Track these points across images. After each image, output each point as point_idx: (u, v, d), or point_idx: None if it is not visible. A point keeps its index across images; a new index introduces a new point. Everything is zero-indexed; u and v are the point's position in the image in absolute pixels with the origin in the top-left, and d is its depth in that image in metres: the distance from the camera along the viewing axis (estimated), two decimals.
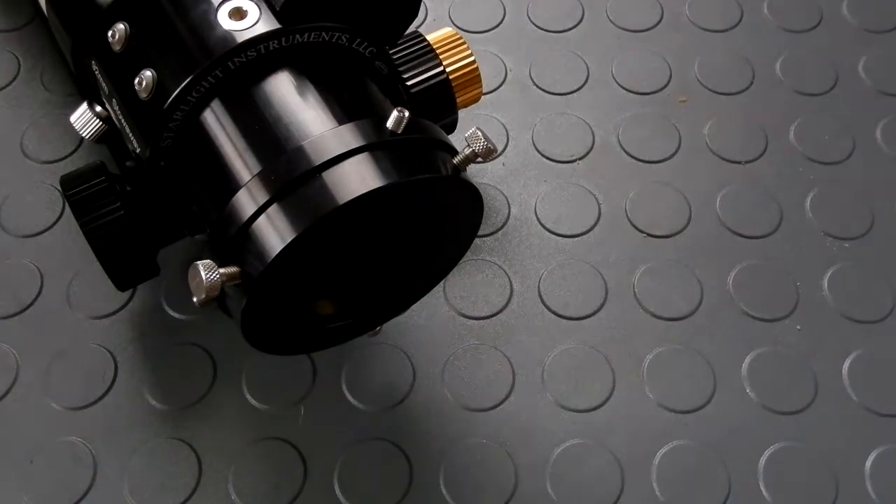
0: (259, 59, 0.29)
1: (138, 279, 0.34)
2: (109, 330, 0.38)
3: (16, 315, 0.38)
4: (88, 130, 0.34)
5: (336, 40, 0.31)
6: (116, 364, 0.37)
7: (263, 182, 0.27)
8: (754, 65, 0.48)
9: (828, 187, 0.44)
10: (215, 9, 0.30)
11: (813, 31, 0.50)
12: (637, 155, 0.44)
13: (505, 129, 0.45)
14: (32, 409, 0.36)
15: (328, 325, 0.33)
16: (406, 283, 0.33)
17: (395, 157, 0.27)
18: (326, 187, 0.26)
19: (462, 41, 0.36)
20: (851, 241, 0.42)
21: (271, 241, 0.26)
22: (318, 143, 0.27)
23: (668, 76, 0.47)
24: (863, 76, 0.48)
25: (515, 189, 0.43)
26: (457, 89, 0.36)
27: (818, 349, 0.39)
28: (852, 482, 0.36)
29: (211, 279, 0.26)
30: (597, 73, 0.47)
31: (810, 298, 0.40)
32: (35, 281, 0.39)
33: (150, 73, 0.30)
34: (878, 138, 0.45)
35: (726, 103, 0.46)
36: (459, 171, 0.28)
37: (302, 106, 0.29)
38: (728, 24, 0.50)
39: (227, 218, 0.27)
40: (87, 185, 0.32)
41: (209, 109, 0.30)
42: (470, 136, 0.28)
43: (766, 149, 0.45)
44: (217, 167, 0.29)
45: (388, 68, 0.33)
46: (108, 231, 0.32)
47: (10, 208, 0.41)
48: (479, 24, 0.49)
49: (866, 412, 0.37)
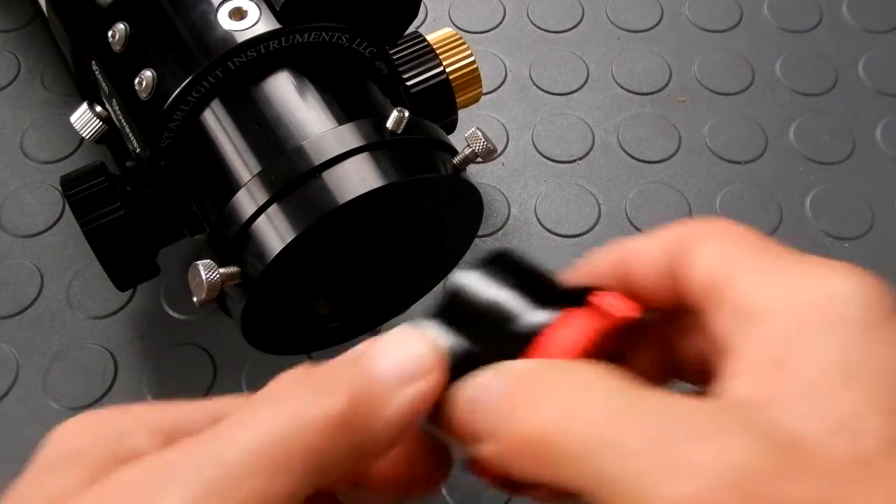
0: (259, 59, 0.29)
1: (138, 279, 0.34)
2: (109, 330, 0.38)
3: (16, 315, 0.38)
4: (88, 130, 0.34)
5: (336, 40, 0.31)
6: (116, 364, 0.37)
7: (263, 182, 0.27)
8: (754, 65, 0.48)
9: (828, 187, 0.44)
10: (215, 9, 0.30)
11: (813, 31, 0.50)
12: (637, 155, 0.44)
13: (505, 129, 0.45)
14: (32, 409, 0.36)
15: (328, 324, 0.33)
16: (406, 283, 0.33)
17: (395, 156, 0.27)
18: (326, 187, 0.26)
19: (462, 41, 0.36)
20: (851, 241, 0.42)
21: (271, 241, 0.26)
22: (318, 142, 0.27)
23: (667, 76, 0.47)
24: (863, 76, 0.48)
25: (515, 189, 0.43)
26: (457, 89, 0.36)
27: None
28: None
29: (211, 279, 0.26)
30: (597, 73, 0.47)
31: None
32: (35, 281, 0.39)
33: (150, 73, 0.30)
34: (878, 138, 0.45)
35: (726, 103, 0.46)
36: (459, 171, 0.28)
37: (302, 106, 0.29)
38: (728, 24, 0.50)
39: (226, 218, 0.27)
40: (87, 185, 0.32)
41: (209, 109, 0.30)
42: (470, 136, 0.28)
43: (766, 149, 0.45)
44: (217, 167, 0.29)
45: (388, 68, 0.33)
46: (108, 231, 0.32)
47: (10, 208, 0.41)
48: (479, 24, 0.49)
49: None
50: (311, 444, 0.18)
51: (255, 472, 0.18)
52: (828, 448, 0.18)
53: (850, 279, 0.20)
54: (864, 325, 0.19)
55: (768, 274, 0.21)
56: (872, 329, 0.19)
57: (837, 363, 0.19)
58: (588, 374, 0.20)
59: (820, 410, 0.18)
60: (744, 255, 0.21)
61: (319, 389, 0.19)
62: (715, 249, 0.22)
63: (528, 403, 0.19)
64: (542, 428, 0.19)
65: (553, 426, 0.19)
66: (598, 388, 0.19)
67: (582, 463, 0.18)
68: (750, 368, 0.19)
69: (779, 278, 0.20)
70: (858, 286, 0.20)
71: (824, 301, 0.20)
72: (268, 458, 0.18)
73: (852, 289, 0.20)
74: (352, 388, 0.19)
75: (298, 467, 0.18)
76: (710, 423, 0.18)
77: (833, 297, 0.20)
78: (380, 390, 0.20)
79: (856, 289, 0.20)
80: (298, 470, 0.18)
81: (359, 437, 0.19)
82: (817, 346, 0.19)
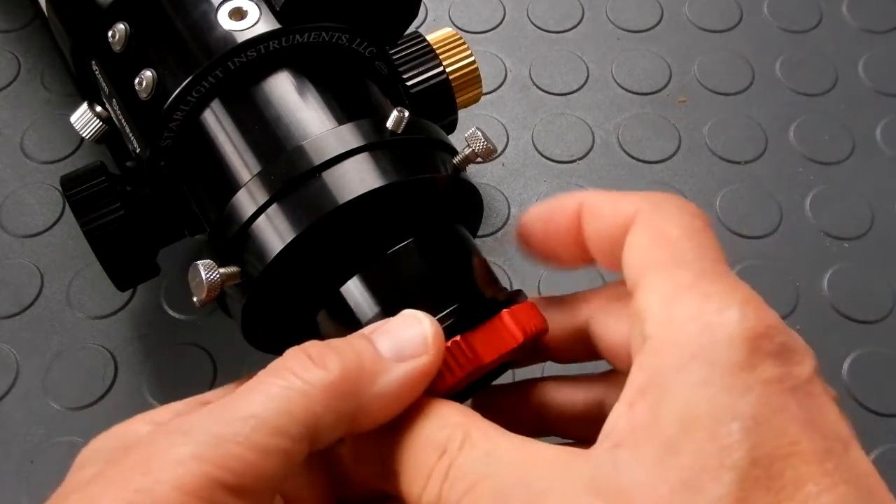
0: (259, 59, 0.29)
1: (138, 279, 0.34)
2: (109, 330, 0.38)
3: (16, 315, 0.38)
4: (88, 130, 0.34)
5: (336, 40, 0.31)
6: (116, 364, 0.37)
7: (263, 182, 0.27)
8: (754, 65, 0.48)
9: (828, 187, 0.44)
10: (215, 9, 0.30)
11: (813, 31, 0.50)
12: (637, 155, 0.44)
13: (505, 129, 0.45)
14: (32, 409, 0.36)
15: None
16: None
17: (395, 156, 0.27)
18: (326, 187, 0.26)
19: (462, 41, 0.36)
20: (851, 241, 0.42)
21: (271, 241, 0.26)
22: (318, 142, 0.27)
23: (667, 76, 0.47)
24: (863, 76, 0.48)
25: (515, 189, 0.43)
26: (457, 89, 0.36)
27: (818, 349, 0.39)
28: None
29: (211, 279, 0.26)
30: (597, 73, 0.47)
31: (810, 298, 0.40)
32: (35, 281, 0.39)
33: (150, 73, 0.30)
34: (878, 138, 0.45)
35: (726, 103, 0.46)
36: (459, 171, 0.28)
37: (302, 106, 0.29)
38: (728, 24, 0.50)
39: (227, 218, 0.27)
40: (87, 185, 0.32)
41: (209, 109, 0.30)
42: (470, 136, 0.28)
43: (766, 149, 0.45)
44: (217, 167, 0.29)
45: (388, 68, 0.33)
46: (108, 231, 0.32)
47: (10, 208, 0.41)
48: (479, 24, 0.49)
49: (866, 412, 0.37)
50: (306, 409, 0.20)
51: (255, 430, 0.20)
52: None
53: (739, 317, 0.20)
54: (732, 368, 0.19)
55: (671, 296, 0.21)
56: (738, 374, 0.19)
57: (690, 410, 0.19)
58: (457, 420, 0.22)
59: (662, 467, 0.19)
60: (665, 262, 0.22)
61: (316, 362, 0.21)
62: (646, 240, 0.22)
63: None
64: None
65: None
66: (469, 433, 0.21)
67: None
68: (626, 394, 0.20)
69: (678, 304, 0.21)
70: (743, 326, 0.20)
71: (702, 338, 0.20)
72: (266, 420, 0.20)
73: (734, 329, 0.20)
74: (345, 361, 0.21)
75: (293, 429, 0.20)
76: (560, 479, 0.19)
77: (712, 337, 0.20)
78: (373, 365, 0.22)
79: (738, 329, 0.20)
80: (294, 431, 0.20)
81: (350, 405, 0.21)
82: (680, 388, 0.19)
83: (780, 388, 0.19)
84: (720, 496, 0.18)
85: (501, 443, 0.21)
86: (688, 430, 0.19)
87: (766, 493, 0.18)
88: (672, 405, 0.19)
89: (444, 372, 0.23)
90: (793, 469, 0.18)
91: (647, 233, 0.22)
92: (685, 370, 0.19)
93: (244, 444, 0.19)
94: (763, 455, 0.18)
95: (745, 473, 0.18)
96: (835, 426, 0.19)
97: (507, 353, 0.25)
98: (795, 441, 0.18)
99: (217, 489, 0.19)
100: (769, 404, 0.19)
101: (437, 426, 0.22)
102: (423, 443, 0.22)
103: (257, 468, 0.19)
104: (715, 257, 0.22)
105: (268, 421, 0.20)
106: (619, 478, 0.19)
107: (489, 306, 0.25)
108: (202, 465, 0.19)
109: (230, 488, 0.19)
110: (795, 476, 0.18)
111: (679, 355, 0.20)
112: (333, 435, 0.21)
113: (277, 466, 0.20)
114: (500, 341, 0.25)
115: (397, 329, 0.23)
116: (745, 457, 0.18)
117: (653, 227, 0.22)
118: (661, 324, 0.20)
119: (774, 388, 0.19)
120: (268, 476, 0.20)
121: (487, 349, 0.24)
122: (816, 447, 0.19)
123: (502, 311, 0.25)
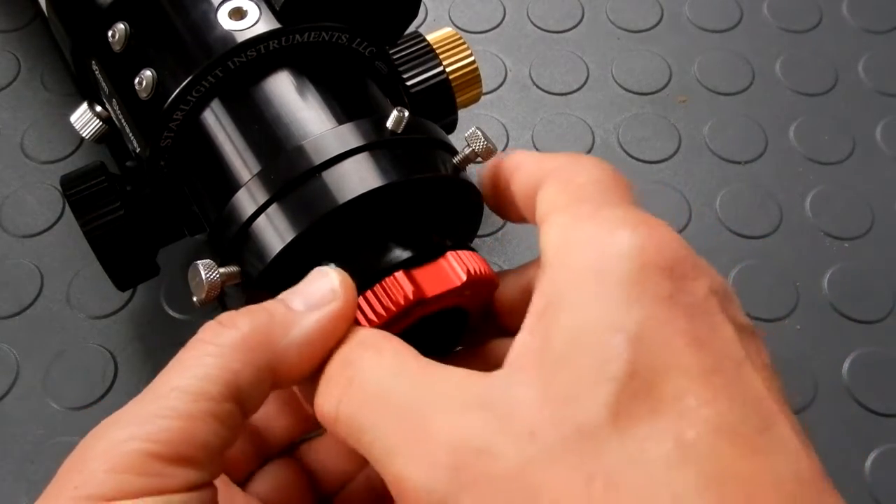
0: (259, 58, 0.29)
1: (138, 279, 0.34)
2: (109, 330, 0.38)
3: (16, 315, 0.38)
4: (88, 130, 0.34)
5: (336, 40, 0.31)
6: (116, 364, 0.37)
7: (263, 182, 0.27)
8: (754, 65, 0.48)
9: (827, 187, 0.44)
10: (215, 9, 0.30)
11: (813, 31, 0.50)
12: (637, 155, 0.44)
13: (505, 129, 0.45)
14: (32, 409, 0.36)
15: None
16: None
17: (395, 156, 0.27)
18: (326, 187, 0.26)
19: (462, 41, 0.36)
20: (851, 241, 0.42)
21: (271, 241, 0.26)
22: (318, 142, 0.27)
23: (667, 76, 0.47)
24: (862, 76, 0.48)
25: None
26: (457, 89, 0.36)
27: (818, 349, 0.39)
28: (852, 482, 0.36)
29: (211, 279, 0.26)
30: (597, 73, 0.47)
31: (810, 298, 0.40)
32: (35, 281, 0.39)
33: (150, 72, 0.30)
34: (878, 138, 0.45)
35: (726, 103, 0.46)
36: (459, 171, 0.28)
37: (301, 105, 0.29)
38: (728, 24, 0.50)
39: (227, 217, 0.27)
40: (87, 185, 0.32)
41: (209, 109, 0.30)
42: (470, 136, 0.28)
43: (766, 149, 0.45)
44: (217, 167, 0.29)
45: (387, 68, 0.33)
46: (108, 231, 0.32)
47: (10, 208, 0.41)
48: (479, 24, 0.49)
49: (866, 412, 0.37)
50: (222, 367, 0.21)
51: (179, 399, 0.21)
52: (545, 424, 0.18)
53: (631, 234, 0.20)
54: (621, 284, 0.19)
55: (569, 225, 0.21)
56: (627, 288, 0.19)
57: (579, 327, 0.19)
58: (377, 341, 0.23)
59: (547, 384, 0.19)
60: (567, 202, 0.22)
61: (226, 325, 0.23)
62: (554, 190, 0.23)
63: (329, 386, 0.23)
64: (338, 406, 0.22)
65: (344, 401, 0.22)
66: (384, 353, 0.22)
67: (360, 435, 0.21)
68: (527, 321, 0.21)
69: (574, 230, 0.21)
70: (632, 243, 0.20)
71: (594, 258, 0.20)
72: (186, 388, 0.21)
73: (624, 246, 0.20)
74: (254, 318, 0.23)
75: (214, 389, 0.21)
76: (452, 397, 0.20)
77: (603, 255, 0.20)
78: (284, 317, 0.23)
79: (628, 245, 0.20)
80: (215, 391, 0.21)
81: (264, 356, 0.22)
82: (572, 307, 0.19)
83: (669, 303, 0.19)
84: (597, 408, 0.18)
85: (410, 364, 0.21)
86: (574, 346, 0.19)
87: (643, 405, 0.18)
88: (562, 324, 0.19)
89: (386, 304, 0.24)
90: (673, 382, 0.18)
91: (557, 183, 0.23)
92: (577, 290, 0.20)
93: (170, 415, 0.20)
94: (643, 367, 0.18)
95: (623, 385, 0.18)
96: (727, 346, 0.19)
97: (450, 290, 0.25)
98: (679, 355, 0.18)
99: (153, 461, 0.20)
100: (655, 317, 0.19)
101: (353, 344, 0.23)
102: (335, 358, 0.23)
103: (189, 434, 0.20)
104: (621, 196, 0.22)
105: (188, 388, 0.21)
106: (507, 396, 0.19)
107: (436, 248, 0.26)
108: (134, 443, 0.20)
109: (167, 458, 0.20)
110: (675, 389, 0.18)
111: (572, 277, 0.20)
112: (259, 390, 0.22)
113: (209, 430, 0.21)
114: (444, 279, 0.25)
115: (306, 285, 0.24)
116: (623, 369, 0.18)
117: (562, 178, 0.23)
118: (557, 250, 0.21)
119: (664, 303, 0.19)
120: (201, 441, 0.21)
121: (431, 285, 0.25)
122: (702, 363, 0.18)
123: (447, 252, 0.26)
